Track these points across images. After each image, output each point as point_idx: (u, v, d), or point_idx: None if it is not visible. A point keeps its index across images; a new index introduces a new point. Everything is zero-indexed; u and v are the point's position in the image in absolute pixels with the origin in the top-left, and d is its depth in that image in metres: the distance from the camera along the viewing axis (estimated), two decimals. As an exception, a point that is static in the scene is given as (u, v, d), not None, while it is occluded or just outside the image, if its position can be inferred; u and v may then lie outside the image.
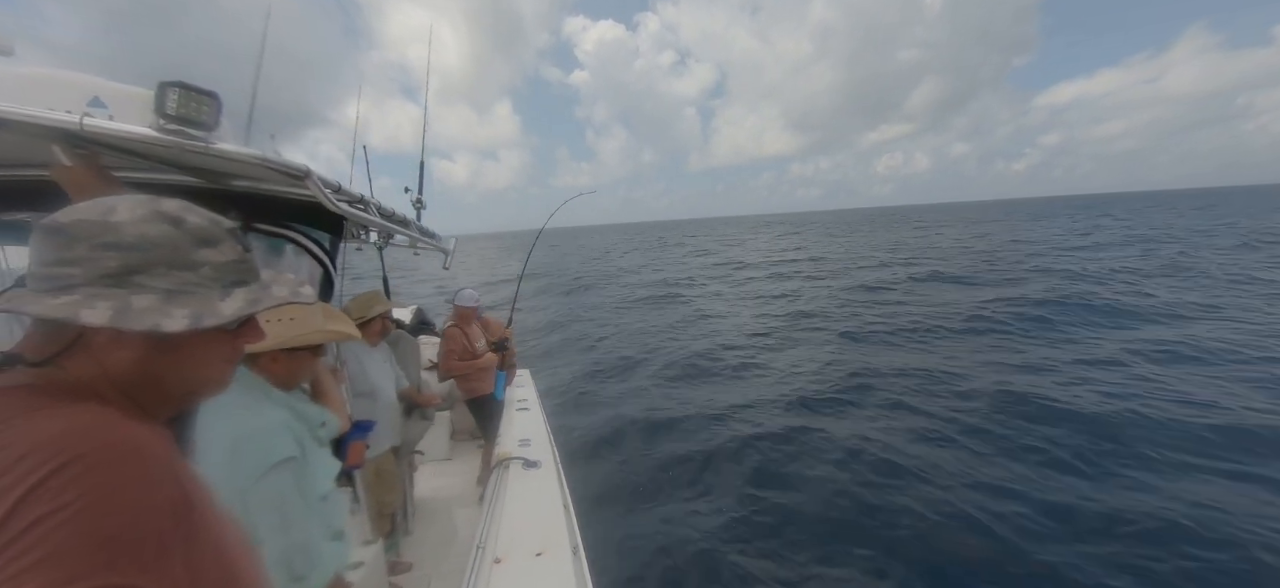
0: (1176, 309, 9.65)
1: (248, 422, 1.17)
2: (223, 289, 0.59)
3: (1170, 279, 12.94)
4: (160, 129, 0.94)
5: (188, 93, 0.93)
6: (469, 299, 3.72)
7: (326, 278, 1.74)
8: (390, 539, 2.84)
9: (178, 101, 0.93)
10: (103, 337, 0.54)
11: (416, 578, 2.81)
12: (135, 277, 0.53)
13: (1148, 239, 23.30)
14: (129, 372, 0.56)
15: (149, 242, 0.54)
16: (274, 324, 1.23)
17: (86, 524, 0.43)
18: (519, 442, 2.89)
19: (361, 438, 2.17)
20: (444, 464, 4.16)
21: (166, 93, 0.92)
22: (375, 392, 2.66)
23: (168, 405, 0.61)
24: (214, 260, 0.58)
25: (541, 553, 1.86)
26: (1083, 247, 21.71)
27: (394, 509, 2.85)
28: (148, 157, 1.04)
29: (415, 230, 2.10)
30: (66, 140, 0.97)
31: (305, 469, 1.23)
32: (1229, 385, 5.85)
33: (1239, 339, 7.47)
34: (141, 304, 0.52)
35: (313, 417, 1.30)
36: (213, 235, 0.59)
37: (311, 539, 1.21)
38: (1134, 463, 4.37)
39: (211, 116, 0.97)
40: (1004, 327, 9.10)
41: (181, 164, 1.11)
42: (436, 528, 3.30)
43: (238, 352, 0.65)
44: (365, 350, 2.70)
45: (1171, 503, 3.78)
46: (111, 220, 0.53)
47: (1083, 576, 3.19)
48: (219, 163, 1.08)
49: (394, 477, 2.84)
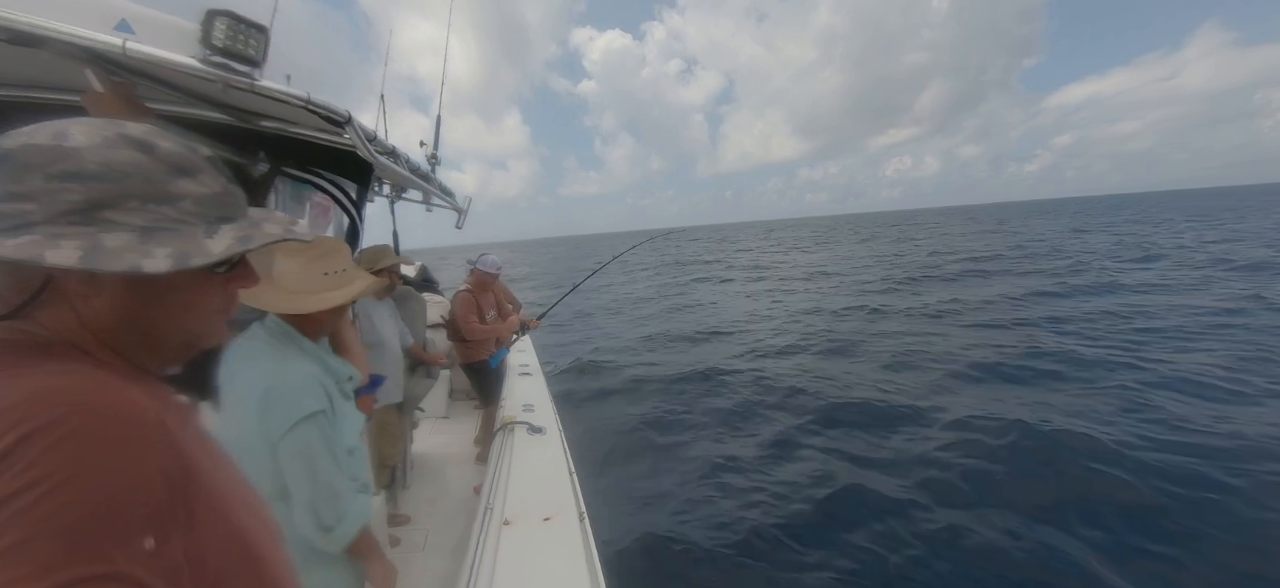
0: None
1: (280, 373, 1.16)
2: (207, 225, 0.50)
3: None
4: (206, 61, 0.89)
5: (237, 24, 0.88)
6: (490, 265, 3.61)
7: (352, 228, 1.70)
8: (388, 492, 2.87)
9: (226, 32, 0.87)
10: (75, 282, 0.46)
11: (414, 530, 2.85)
12: (104, 212, 0.45)
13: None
14: (110, 321, 0.49)
15: (116, 170, 0.45)
16: (321, 278, 1.20)
17: (61, 505, 0.37)
18: (523, 407, 2.90)
19: (372, 392, 2.17)
20: (441, 422, 4.19)
21: (214, 22, 0.87)
22: (382, 344, 2.64)
23: (161, 358, 0.54)
24: (194, 193, 0.50)
25: (549, 518, 1.88)
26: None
27: (394, 463, 2.87)
28: (187, 90, 0.99)
29: (436, 187, 2.06)
30: (103, 64, 0.92)
31: (333, 422, 1.22)
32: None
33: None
34: (114, 243, 0.44)
35: (341, 371, 1.29)
36: (190, 164, 0.50)
37: (340, 491, 1.21)
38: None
39: (260, 51, 0.92)
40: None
41: (221, 101, 1.06)
42: (433, 484, 3.33)
43: (232, 299, 0.57)
44: (372, 303, 2.67)
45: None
46: (66, 146, 0.44)
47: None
48: (261, 102, 1.04)
49: (397, 430, 2.85)
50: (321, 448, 1.17)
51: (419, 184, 1.83)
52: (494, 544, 1.72)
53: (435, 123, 2.75)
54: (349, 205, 1.63)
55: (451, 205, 2.52)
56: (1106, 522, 3.57)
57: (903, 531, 3.56)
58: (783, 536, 3.59)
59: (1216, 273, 12.72)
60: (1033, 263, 17.25)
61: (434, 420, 4.15)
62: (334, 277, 1.21)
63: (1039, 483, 3.99)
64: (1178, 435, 4.55)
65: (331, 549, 1.23)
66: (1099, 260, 16.71)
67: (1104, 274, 13.57)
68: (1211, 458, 4.15)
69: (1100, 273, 13.87)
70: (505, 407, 2.95)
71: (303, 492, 1.16)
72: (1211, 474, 3.92)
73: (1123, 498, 3.77)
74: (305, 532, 1.17)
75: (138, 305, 0.50)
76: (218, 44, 0.89)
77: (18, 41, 0.83)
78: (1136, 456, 4.22)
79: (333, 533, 1.20)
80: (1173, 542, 3.36)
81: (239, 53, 0.91)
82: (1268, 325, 7.74)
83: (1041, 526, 3.55)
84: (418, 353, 3.00)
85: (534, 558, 1.67)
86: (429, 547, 2.74)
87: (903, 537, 3.50)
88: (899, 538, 3.49)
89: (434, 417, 4.16)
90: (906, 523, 3.62)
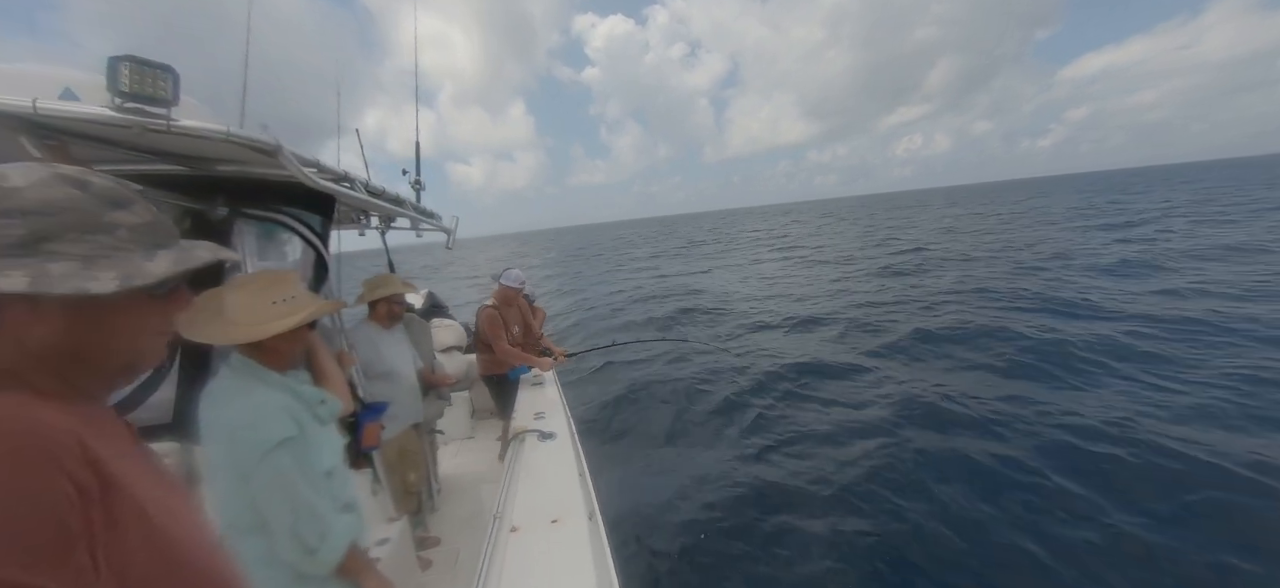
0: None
1: (244, 407, 1.18)
2: (145, 251, 0.55)
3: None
4: (117, 107, 0.91)
5: (140, 67, 0.89)
6: (514, 279, 3.59)
7: (320, 262, 1.73)
8: (417, 516, 2.91)
9: (130, 76, 0.89)
10: (17, 311, 0.49)
11: (444, 552, 2.88)
12: (45, 244, 0.48)
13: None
14: (51, 348, 0.51)
15: (54, 206, 0.49)
16: (270, 307, 1.22)
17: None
18: (534, 415, 2.91)
19: (375, 419, 2.20)
20: (467, 443, 4.24)
21: (119, 68, 0.89)
22: (392, 373, 2.69)
23: (100, 382, 0.57)
24: (128, 222, 0.54)
25: (557, 521, 1.87)
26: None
27: (419, 486, 2.92)
28: (112, 141, 1.02)
29: (411, 209, 2.08)
30: (28, 130, 0.95)
31: (305, 447, 1.24)
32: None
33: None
34: (59, 270, 0.48)
35: (310, 396, 1.31)
36: (122, 197, 0.55)
37: (320, 513, 1.23)
38: None
39: (169, 91, 0.93)
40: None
41: (148, 147, 1.09)
42: (463, 504, 3.37)
43: (169, 322, 0.61)
44: (378, 333, 2.72)
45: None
46: (6, 186, 0.48)
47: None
48: (183, 142, 1.06)
49: (418, 454, 2.89)
50: (295, 473, 1.19)
51: (386, 207, 1.84)
52: (501, 553, 1.72)
53: (415, 149, 2.78)
54: (312, 238, 1.65)
55: (438, 227, 2.55)
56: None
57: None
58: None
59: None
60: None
61: (459, 442, 4.21)
62: (283, 304, 1.23)
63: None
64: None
65: (319, 572, 1.24)
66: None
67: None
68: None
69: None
70: (517, 417, 2.97)
71: (283, 519, 1.17)
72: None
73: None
74: (290, 558, 1.19)
75: (79, 331, 0.52)
76: (125, 89, 0.90)
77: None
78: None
79: (317, 555, 1.21)
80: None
81: (149, 95, 0.92)
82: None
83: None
84: (426, 376, 3.05)
85: (540, 563, 1.66)
86: (460, 565, 2.77)
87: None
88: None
89: (459, 438, 4.22)
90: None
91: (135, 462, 0.57)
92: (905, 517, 3.45)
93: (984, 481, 3.74)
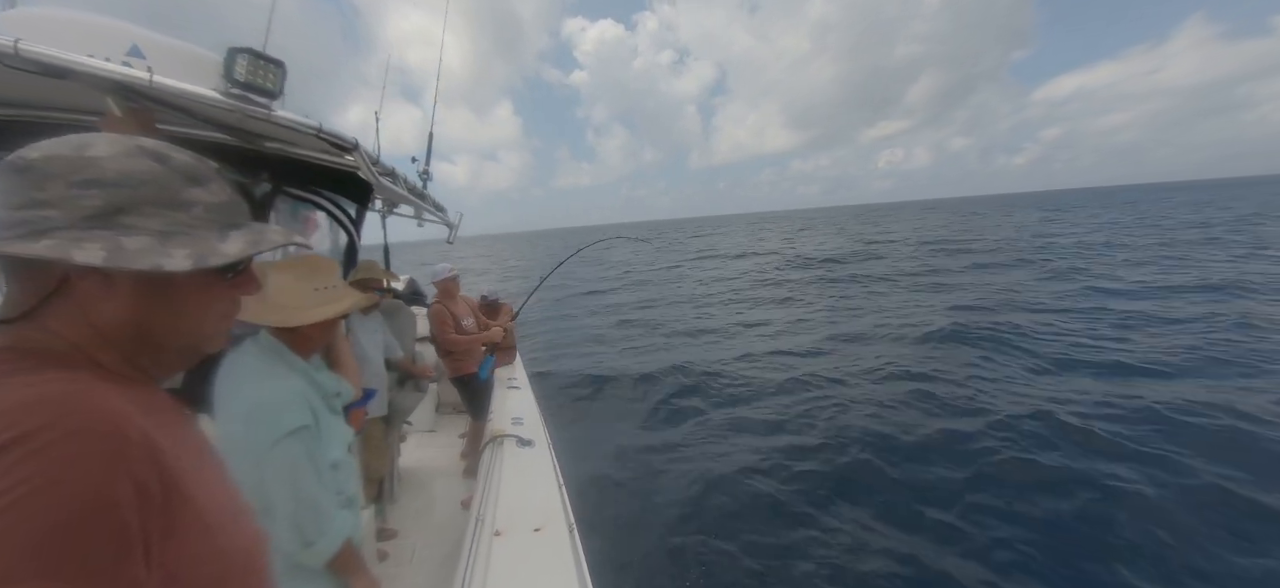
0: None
1: (265, 389, 1.18)
2: (219, 231, 0.53)
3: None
4: (226, 93, 0.95)
5: (257, 60, 0.94)
6: (443, 272, 3.60)
7: (351, 246, 1.75)
8: (377, 506, 2.86)
9: (247, 69, 0.94)
10: (90, 284, 0.48)
11: (401, 545, 2.84)
12: (122, 216, 0.47)
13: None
14: (120, 325, 0.50)
15: (134, 178, 0.48)
16: (312, 293, 1.24)
17: (25, 516, 0.37)
18: (512, 420, 2.93)
19: (363, 405, 2.19)
20: (428, 435, 4.18)
21: (236, 59, 0.93)
22: (365, 359, 2.66)
23: (164, 364, 0.56)
24: (205, 200, 0.53)
25: (540, 529, 1.92)
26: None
27: (381, 476, 2.87)
28: (206, 118, 1.04)
29: (430, 203, 2.11)
30: (127, 93, 0.97)
31: (318, 438, 1.25)
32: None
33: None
34: (135, 244, 0.46)
35: (329, 386, 1.31)
36: (201, 174, 0.53)
37: (322, 506, 1.24)
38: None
39: (278, 85, 0.98)
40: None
41: (236, 128, 1.11)
42: (420, 497, 3.33)
43: (235, 305, 0.59)
44: (357, 318, 2.69)
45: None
46: (88, 155, 0.47)
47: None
48: (276, 130, 1.09)
49: (383, 444, 2.85)
50: (305, 463, 1.20)
51: (415, 202, 1.88)
52: (485, 555, 1.75)
53: (428, 140, 2.80)
54: (348, 224, 1.67)
55: (443, 221, 2.57)
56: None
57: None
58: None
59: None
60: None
61: (421, 434, 4.14)
62: (324, 292, 1.24)
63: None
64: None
65: (314, 564, 1.25)
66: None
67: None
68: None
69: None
70: (493, 420, 2.98)
71: (285, 506, 1.17)
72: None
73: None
74: (287, 547, 1.19)
75: (148, 308, 0.51)
76: (240, 78, 0.94)
77: (50, 73, 0.88)
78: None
79: (314, 547, 1.22)
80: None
81: (258, 86, 0.97)
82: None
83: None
84: (406, 366, 3.02)
85: (525, 568, 1.70)
86: (417, 560, 2.74)
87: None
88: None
89: (421, 430, 4.15)
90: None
91: (191, 451, 0.55)
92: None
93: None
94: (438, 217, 2.54)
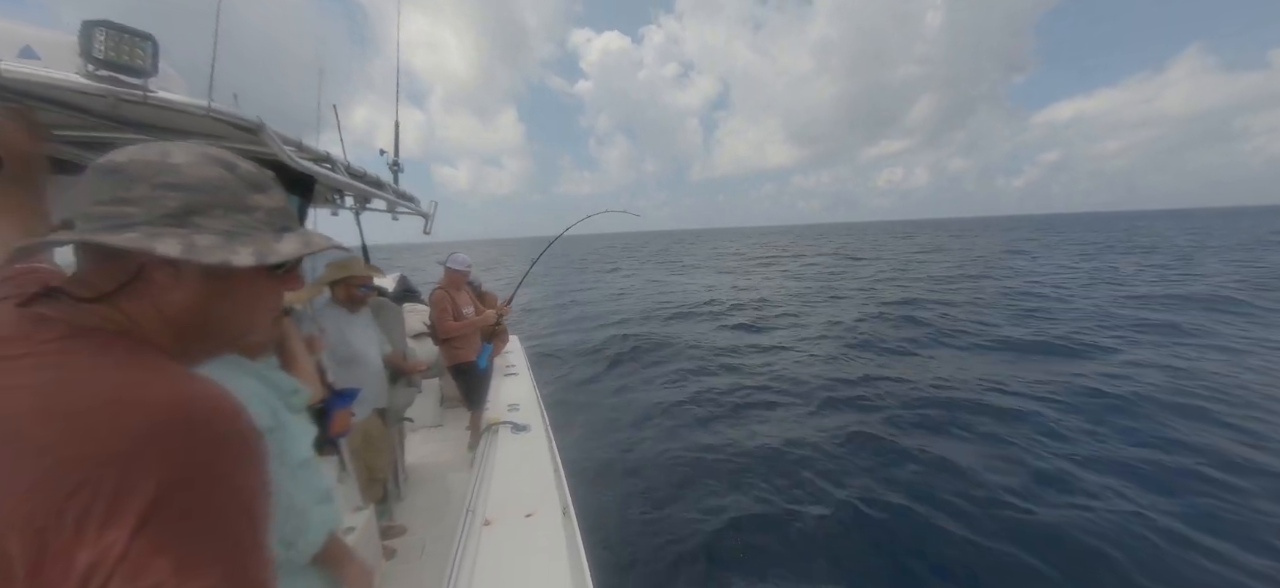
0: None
1: None
2: (275, 232, 0.60)
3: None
4: (90, 75, 0.86)
5: (117, 33, 0.84)
6: (460, 263, 3.63)
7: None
8: (383, 504, 2.85)
9: (106, 43, 0.84)
10: (163, 274, 0.54)
11: (410, 542, 2.84)
12: (195, 216, 0.53)
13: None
14: (184, 313, 0.56)
15: (209, 184, 0.54)
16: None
17: (232, 493, 0.45)
18: (508, 406, 2.89)
19: (345, 406, 2.14)
20: (435, 431, 4.17)
21: (93, 34, 0.83)
22: (357, 358, 2.62)
23: (211, 351, 0.62)
24: (265, 205, 0.59)
25: (531, 514, 1.87)
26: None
27: (385, 474, 2.86)
28: (82, 108, 0.95)
29: (390, 192, 2.02)
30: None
31: (282, 437, 1.20)
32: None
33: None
34: (205, 242, 0.53)
35: (284, 385, 1.27)
36: (263, 181, 0.60)
37: (297, 505, 1.20)
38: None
39: (147, 61, 0.88)
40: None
41: (120, 118, 1.02)
42: (429, 493, 3.32)
43: (279, 299, 0.66)
44: (345, 317, 2.64)
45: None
46: (170, 161, 0.54)
47: None
48: (159, 115, 1.00)
49: (382, 441, 2.83)
50: (274, 465, 1.14)
51: (366, 189, 1.79)
52: (474, 545, 1.71)
53: (394, 129, 2.71)
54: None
55: (415, 211, 2.49)
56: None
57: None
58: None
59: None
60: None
61: (427, 430, 4.14)
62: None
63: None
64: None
65: (298, 562, 1.20)
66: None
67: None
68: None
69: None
70: (490, 408, 2.94)
71: None
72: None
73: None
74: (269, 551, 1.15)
75: (210, 300, 0.57)
76: (100, 56, 0.85)
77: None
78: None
79: (296, 548, 1.18)
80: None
81: (125, 64, 0.87)
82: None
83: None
84: (397, 362, 2.98)
85: (514, 556, 1.66)
86: (427, 556, 2.74)
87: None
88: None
89: (427, 426, 4.15)
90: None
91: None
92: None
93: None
94: (408, 207, 2.46)
